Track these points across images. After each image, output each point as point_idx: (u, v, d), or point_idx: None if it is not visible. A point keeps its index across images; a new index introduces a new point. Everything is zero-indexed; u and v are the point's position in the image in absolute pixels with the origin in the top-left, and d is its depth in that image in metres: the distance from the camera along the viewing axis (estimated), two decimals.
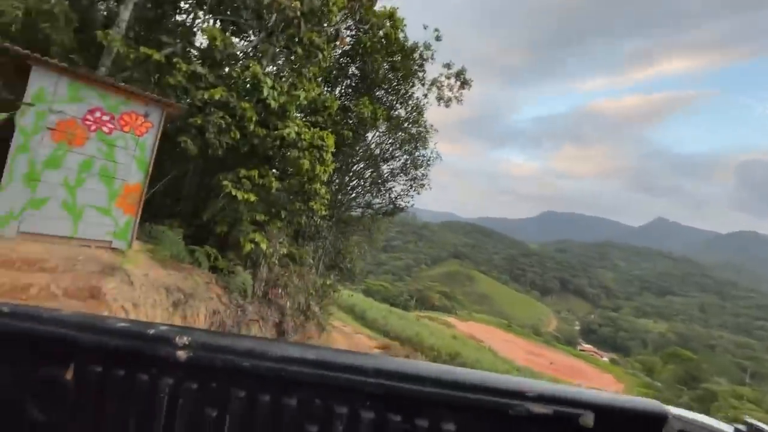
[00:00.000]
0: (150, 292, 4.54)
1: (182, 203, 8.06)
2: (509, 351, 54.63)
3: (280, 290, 7.99)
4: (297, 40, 6.60)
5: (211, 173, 8.11)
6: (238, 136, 6.17)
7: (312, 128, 7.36)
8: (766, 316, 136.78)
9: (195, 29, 6.77)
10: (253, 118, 6.16)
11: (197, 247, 5.95)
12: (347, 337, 21.61)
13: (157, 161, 7.51)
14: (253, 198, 6.69)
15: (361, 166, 13.82)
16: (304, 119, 7.55)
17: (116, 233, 4.46)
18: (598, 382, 56.18)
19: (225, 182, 6.47)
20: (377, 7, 10.60)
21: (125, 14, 5.64)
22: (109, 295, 3.98)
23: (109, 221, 4.41)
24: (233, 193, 6.36)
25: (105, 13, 6.46)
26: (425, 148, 13.90)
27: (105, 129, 4.27)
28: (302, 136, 6.82)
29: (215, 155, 6.47)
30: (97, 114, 4.19)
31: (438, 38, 12.45)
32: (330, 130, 8.20)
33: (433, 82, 13.41)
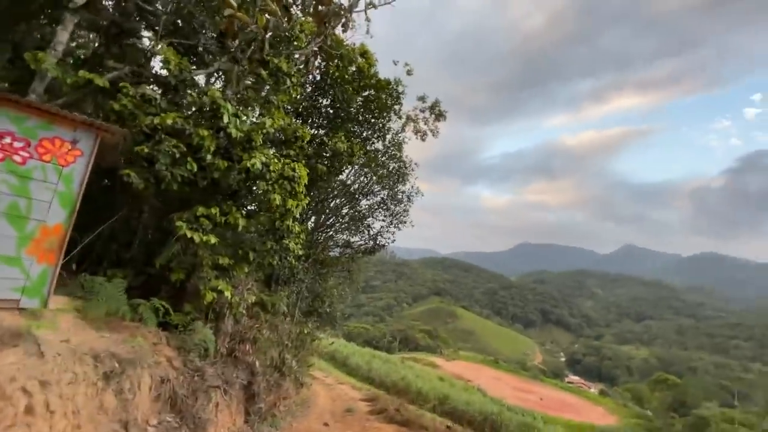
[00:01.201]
0: (69, 365, 3.49)
1: (134, 249, 7.02)
2: (498, 389, 52.73)
3: (248, 345, 6.88)
4: (262, 62, 6.10)
5: (168, 213, 7.18)
6: (196, 168, 5.38)
7: (282, 159, 6.69)
8: (737, 334, 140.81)
9: (147, 54, 6.16)
10: (211, 148, 5.43)
11: (142, 301, 4.93)
12: (329, 389, 19.80)
13: (100, 199, 6.57)
14: (213, 240, 5.80)
15: (338, 202, 13.15)
16: (273, 152, 6.88)
17: (26, 289, 3.47)
18: (590, 416, 54.55)
19: (179, 223, 5.58)
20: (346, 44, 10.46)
21: (62, 36, 4.95)
22: (3, 375, 2.94)
23: (17, 273, 3.43)
24: (189, 235, 5.46)
25: (39, 36, 5.77)
26: (404, 184, 13.47)
27: (17, 158, 3.41)
28: (270, 167, 6.10)
29: (169, 190, 5.62)
30: (7, 140, 3.35)
31: (409, 73, 12.41)
32: (303, 162, 7.55)
33: (408, 118, 13.26)
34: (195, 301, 6.01)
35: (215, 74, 6.56)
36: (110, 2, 7.18)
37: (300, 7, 9.56)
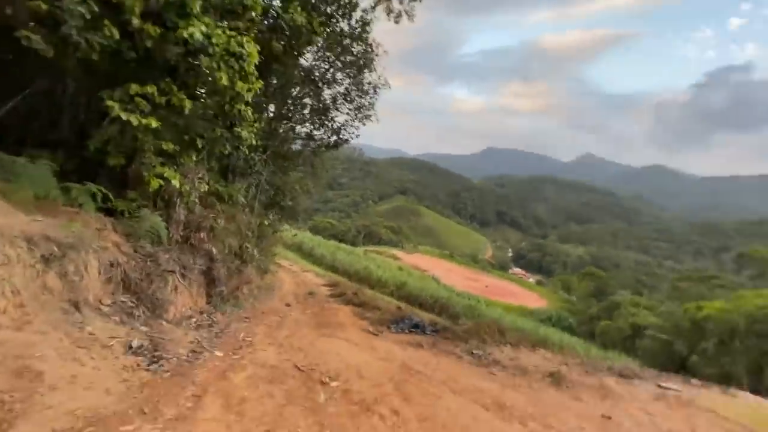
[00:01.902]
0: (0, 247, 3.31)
1: (62, 129, 6.31)
2: (450, 279, 58.87)
3: (204, 234, 6.87)
4: None
5: (98, 89, 6.33)
6: (117, 34, 4.53)
7: (227, 32, 5.78)
8: (661, 237, 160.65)
9: None
10: (137, 9, 4.51)
11: (75, 185, 4.58)
12: (294, 276, 21.15)
13: (9, 68, 5.59)
14: (154, 123, 5.24)
15: (300, 91, 12.14)
16: (216, 22, 5.88)
17: None
18: (525, 299, 63.53)
19: (111, 102, 4.93)
20: None
21: None
22: None
23: None
24: (123, 117, 4.88)
25: None
26: (371, 72, 12.44)
27: None
28: (213, 40, 5.29)
29: (92, 62, 4.82)
30: None
31: None
32: (253, 37, 6.61)
33: None
34: (139, 188, 5.70)
35: None
36: None
37: None
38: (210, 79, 5.78)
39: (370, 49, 11.59)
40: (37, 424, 2.50)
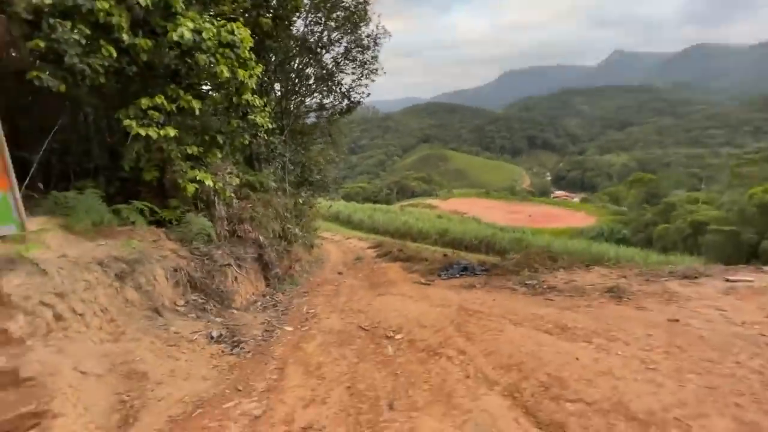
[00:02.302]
0: (77, 275, 3.69)
1: (95, 156, 6.65)
2: (491, 216, 58.27)
3: (247, 224, 7.22)
4: None
5: (112, 110, 6.55)
6: (115, 53, 4.58)
7: (216, 21, 5.66)
8: (714, 124, 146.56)
9: None
10: (124, 25, 4.51)
11: (123, 206, 4.91)
12: (339, 244, 21.90)
13: (33, 111, 5.89)
14: (172, 132, 5.39)
15: (300, 62, 11.84)
16: (201, 15, 5.75)
17: None
18: (572, 220, 61.78)
19: (128, 122, 5.10)
20: None
21: None
22: (16, 295, 3.12)
23: None
24: (142, 132, 5.05)
25: None
26: (367, 24, 11.80)
27: None
28: (203, 35, 5.21)
29: (97, 86, 4.95)
30: None
31: None
32: (242, 20, 6.43)
33: None
34: (179, 195, 6.01)
35: None
36: None
37: None
38: (211, 73, 5.77)
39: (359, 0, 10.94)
40: (155, 414, 2.92)
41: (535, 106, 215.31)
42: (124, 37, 4.54)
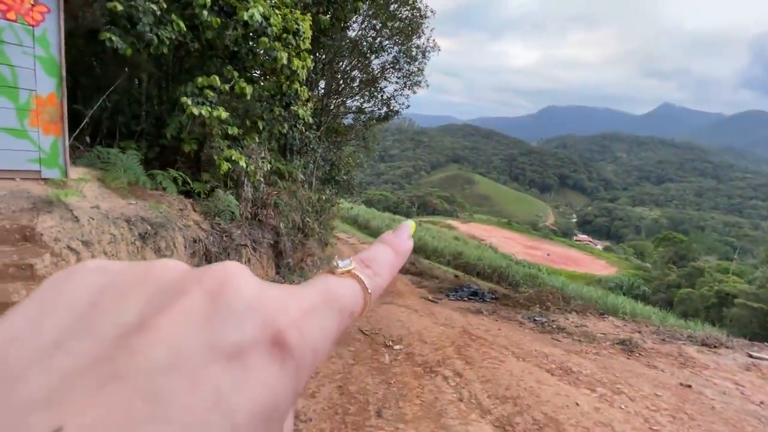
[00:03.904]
0: (105, 227, 3.85)
1: (143, 121, 6.97)
2: (509, 247, 57.22)
3: (270, 210, 7.35)
4: None
5: (168, 80, 6.87)
6: (185, 28, 4.83)
7: (282, 9, 5.88)
8: (759, 195, 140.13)
9: None
10: (207, 2, 4.76)
11: (159, 171, 5.11)
12: (352, 247, 21.98)
13: (95, 68, 6.24)
14: (224, 115, 5.60)
15: (348, 63, 12.11)
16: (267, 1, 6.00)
17: (43, 160, 3.59)
18: (592, 267, 59.92)
19: (184, 99, 5.33)
20: None
21: None
22: (47, 236, 3.29)
23: (29, 145, 3.50)
24: (195, 111, 5.26)
25: None
26: (419, 37, 12.00)
27: None
28: (271, 20, 5.42)
29: (158, 55, 5.21)
30: None
31: None
32: (301, 12, 6.66)
33: None
34: (211, 170, 6.20)
35: None
36: None
37: None
38: (270, 58, 5.97)
39: (417, 13, 11.14)
40: None
41: (573, 145, 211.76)
42: (204, 13, 4.78)
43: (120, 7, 4.24)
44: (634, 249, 75.82)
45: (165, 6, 4.64)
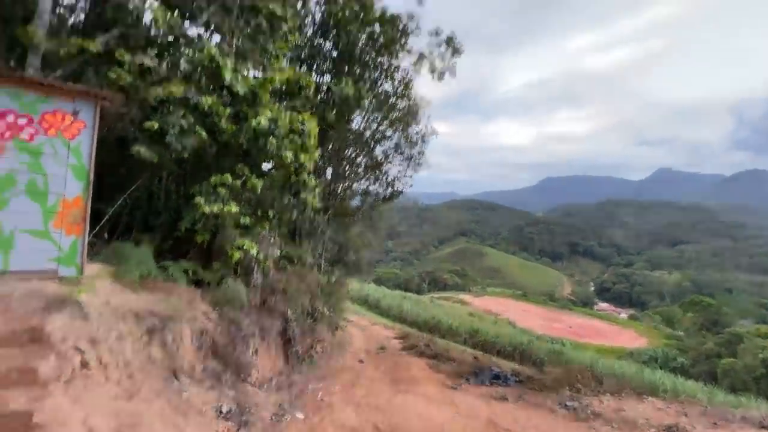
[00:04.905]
0: (113, 323, 3.81)
1: (159, 215, 7.30)
2: (527, 321, 54.49)
3: (279, 296, 7.27)
4: (254, 9, 5.74)
5: (186, 177, 7.32)
6: (205, 136, 5.35)
7: (289, 113, 6.52)
8: None
9: (135, 13, 5.91)
10: (225, 113, 5.34)
11: (171, 263, 5.21)
12: (363, 330, 21.06)
13: (119, 170, 6.74)
14: (234, 209, 5.89)
15: (353, 151, 12.97)
16: (278, 106, 6.69)
17: (61, 259, 3.71)
18: (620, 339, 56.04)
19: (198, 198, 5.67)
20: None
21: (45, 3, 4.78)
22: (55, 336, 3.25)
23: (50, 246, 3.66)
24: (207, 210, 5.56)
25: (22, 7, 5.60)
26: (417, 124, 12.99)
27: (24, 135, 3.48)
28: (278, 123, 5.98)
29: (180, 159, 5.67)
30: (10, 118, 3.40)
31: (420, 1, 11.46)
32: (309, 113, 7.36)
33: (420, 56, 12.31)
34: (223, 259, 6.29)
35: (209, 28, 6.26)
36: None
37: None
38: (278, 156, 6.45)
39: (414, 103, 12.22)
40: None
41: (577, 213, 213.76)
42: (222, 123, 5.31)
43: (156, 125, 4.76)
44: (662, 316, 71.56)
45: (192, 120, 5.20)
